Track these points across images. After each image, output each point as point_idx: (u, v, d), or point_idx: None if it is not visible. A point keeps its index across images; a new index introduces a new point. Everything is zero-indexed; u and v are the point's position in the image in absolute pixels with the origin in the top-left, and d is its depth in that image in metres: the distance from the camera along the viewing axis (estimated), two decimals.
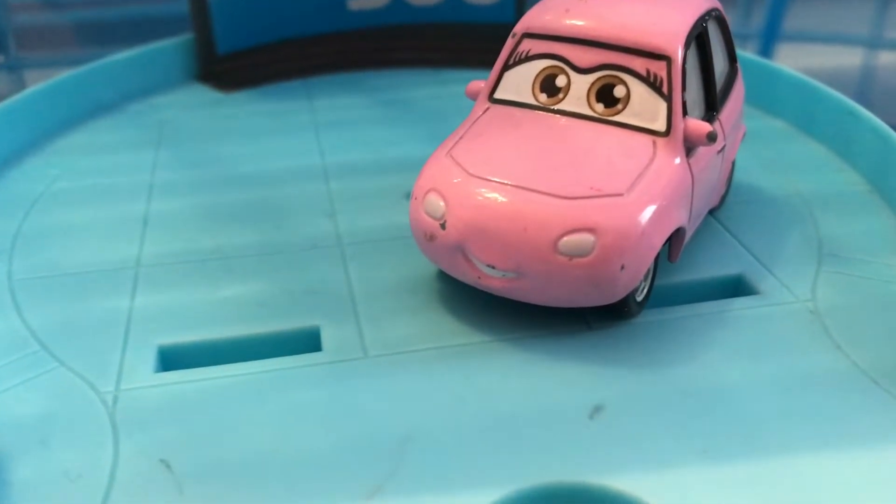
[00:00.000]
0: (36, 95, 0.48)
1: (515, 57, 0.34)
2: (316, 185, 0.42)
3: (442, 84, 0.54)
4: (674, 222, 0.30)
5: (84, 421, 0.28)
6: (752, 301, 0.33)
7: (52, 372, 0.30)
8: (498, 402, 0.28)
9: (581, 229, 0.28)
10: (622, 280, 0.29)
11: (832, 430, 0.27)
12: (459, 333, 0.31)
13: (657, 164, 0.30)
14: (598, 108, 0.32)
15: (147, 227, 0.39)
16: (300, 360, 0.30)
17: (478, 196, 0.30)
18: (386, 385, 0.29)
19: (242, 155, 0.46)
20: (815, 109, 0.46)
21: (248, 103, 0.52)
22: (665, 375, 0.29)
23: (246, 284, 0.35)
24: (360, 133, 0.48)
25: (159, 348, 0.31)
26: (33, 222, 0.40)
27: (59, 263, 0.36)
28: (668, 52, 0.31)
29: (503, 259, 0.29)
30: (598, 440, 0.27)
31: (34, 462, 0.26)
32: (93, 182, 0.43)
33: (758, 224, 0.38)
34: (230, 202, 0.41)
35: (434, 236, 0.31)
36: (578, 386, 0.29)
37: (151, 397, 0.29)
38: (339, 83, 0.55)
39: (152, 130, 0.49)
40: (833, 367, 0.30)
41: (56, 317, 0.33)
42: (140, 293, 0.34)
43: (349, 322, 0.32)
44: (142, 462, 0.26)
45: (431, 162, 0.32)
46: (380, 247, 0.37)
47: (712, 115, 0.34)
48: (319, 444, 0.27)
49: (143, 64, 0.53)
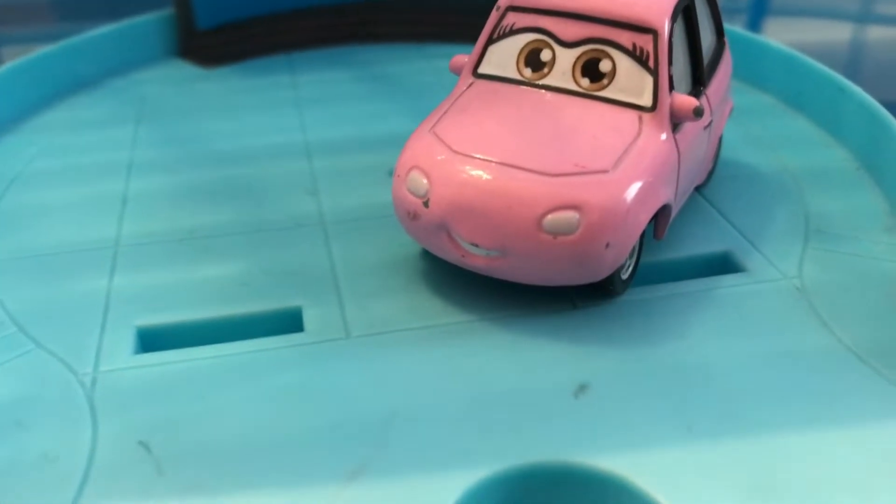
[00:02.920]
0: (14, 71, 0.47)
1: (500, 31, 0.33)
2: (298, 163, 0.42)
3: (427, 59, 0.53)
4: (660, 199, 0.30)
5: (62, 403, 0.28)
6: (739, 278, 0.33)
7: (29, 353, 0.30)
8: (482, 381, 0.28)
9: (566, 207, 0.28)
10: (607, 258, 0.29)
11: (818, 407, 0.27)
12: (443, 313, 0.31)
13: (643, 141, 0.30)
14: (584, 82, 0.31)
15: (126, 205, 0.38)
16: (282, 341, 0.30)
17: (461, 174, 0.29)
18: (368, 365, 0.29)
19: (224, 132, 0.45)
20: (803, 85, 0.46)
21: (230, 79, 0.51)
22: (650, 354, 0.29)
23: (227, 264, 0.34)
24: (343, 109, 0.47)
25: (138, 329, 0.31)
26: (10, 201, 0.39)
27: (36, 243, 0.36)
28: (654, 25, 0.31)
29: (487, 237, 0.29)
30: (583, 419, 0.27)
31: (11, 444, 0.26)
32: (71, 160, 0.43)
33: (745, 201, 0.38)
34: (211, 180, 0.40)
35: (417, 215, 0.30)
36: (563, 365, 0.29)
37: (130, 379, 0.28)
38: (321, 58, 0.54)
39: (132, 107, 0.48)
40: (819, 345, 0.29)
41: (33, 298, 0.32)
42: (119, 273, 0.34)
43: (331, 302, 0.32)
44: (120, 444, 0.26)
45: (414, 139, 0.31)
46: (363, 225, 0.36)
47: (699, 89, 0.33)
48: (301, 424, 0.27)
49: (123, 39, 0.53)
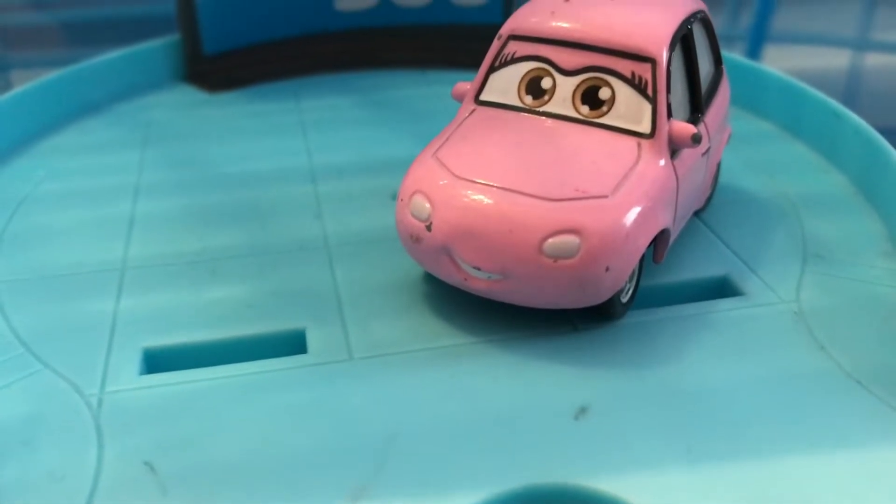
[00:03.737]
0: (23, 96, 0.48)
1: (501, 59, 0.34)
2: (303, 186, 0.42)
3: (429, 85, 0.54)
4: (658, 224, 0.30)
5: (68, 423, 0.28)
6: (737, 302, 0.33)
7: (36, 374, 0.30)
8: (483, 403, 0.28)
9: (566, 231, 0.28)
10: (607, 281, 0.29)
11: (816, 430, 0.27)
12: (445, 335, 0.31)
13: (642, 166, 0.30)
14: (584, 109, 0.32)
15: (133, 228, 0.39)
16: (285, 363, 0.30)
17: (463, 198, 0.30)
18: (371, 386, 0.29)
19: (229, 155, 0.46)
20: (801, 111, 0.46)
21: (235, 104, 0.52)
22: (650, 376, 0.29)
23: (232, 286, 0.35)
24: (347, 134, 0.48)
25: (144, 350, 0.31)
26: (19, 223, 0.40)
27: (44, 265, 0.36)
28: (652, 54, 0.31)
29: (489, 261, 0.29)
30: (583, 441, 0.27)
31: (18, 463, 0.26)
32: (79, 183, 0.43)
33: (743, 225, 0.38)
34: (217, 203, 0.41)
35: (420, 238, 0.31)
36: (564, 387, 0.29)
37: (136, 400, 0.29)
38: (326, 84, 0.55)
39: (139, 131, 0.49)
40: (817, 368, 0.30)
41: (41, 319, 0.33)
42: (125, 295, 0.34)
43: (335, 324, 0.32)
44: (126, 464, 0.26)
45: (417, 164, 0.32)
46: (366, 248, 0.37)
47: (697, 116, 0.34)
48: (304, 445, 0.27)
49: (131, 64, 0.53)
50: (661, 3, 0.34)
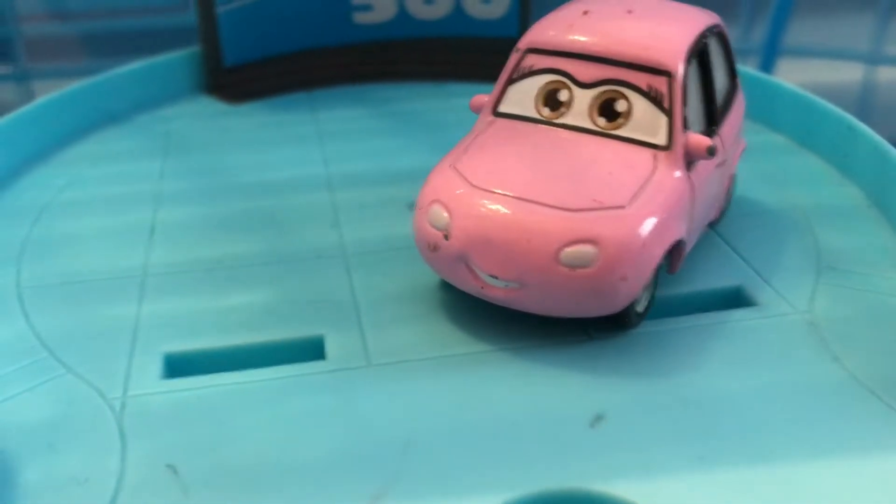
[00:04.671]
0: (45, 106, 0.49)
1: (519, 71, 0.34)
2: (320, 196, 0.43)
3: (445, 97, 0.55)
4: (674, 234, 0.31)
5: (91, 426, 0.28)
6: (751, 312, 0.33)
7: (59, 378, 0.31)
8: (500, 410, 0.29)
9: (583, 241, 0.29)
10: (623, 291, 0.29)
11: (830, 439, 0.27)
12: (462, 342, 0.32)
13: (658, 178, 0.31)
14: (600, 122, 0.32)
15: (154, 235, 0.39)
16: (304, 369, 0.31)
17: (481, 207, 0.30)
18: (388, 393, 0.30)
19: (248, 165, 0.46)
20: (814, 124, 0.46)
21: (254, 115, 0.53)
22: (664, 385, 0.30)
23: (251, 293, 0.35)
24: (363, 144, 0.48)
25: (165, 355, 0.32)
26: (41, 230, 0.40)
27: (66, 271, 0.37)
28: (669, 67, 0.32)
29: (506, 269, 0.30)
30: (600, 448, 0.27)
31: (42, 466, 0.27)
32: (100, 191, 0.44)
33: (757, 237, 0.38)
34: (236, 212, 0.41)
35: (437, 247, 0.31)
36: (579, 395, 0.29)
37: (158, 403, 0.29)
38: (343, 95, 0.55)
39: (159, 140, 0.49)
40: (831, 378, 0.30)
41: (63, 323, 0.33)
42: (147, 301, 0.35)
43: (353, 331, 0.33)
44: (149, 467, 0.27)
45: (435, 173, 0.32)
46: (383, 257, 0.37)
47: (713, 129, 0.34)
48: (323, 450, 0.27)
49: (151, 75, 0.54)
50: (678, 16, 0.34)
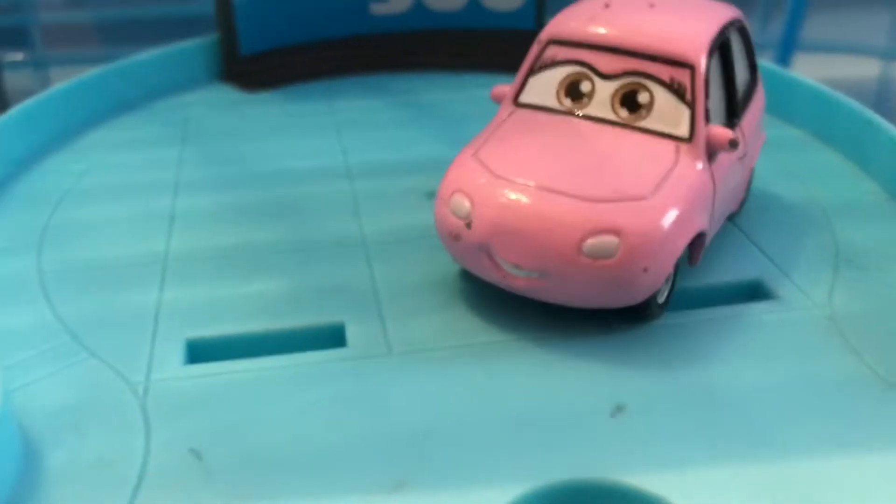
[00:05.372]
0: (64, 92, 0.49)
1: (541, 62, 0.34)
2: (339, 184, 0.43)
3: (462, 88, 0.55)
4: (695, 226, 0.31)
5: (115, 410, 0.29)
6: (770, 306, 0.33)
7: (82, 362, 0.31)
8: (520, 399, 0.29)
9: (606, 231, 0.29)
10: (645, 282, 0.29)
11: (849, 433, 0.28)
12: (482, 332, 0.32)
13: (680, 169, 0.31)
14: (622, 113, 0.32)
15: (174, 222, 0.40)
16: (326, 356, 0.31)
17: (503, 196, 0.30)
18: (410, 381, 0.30)
19: (266, 154, 0.46)
20: (832, 119, 0.46)
21: (271, 103, 0.53)
22: (685, 377, 0.30)
23: (272, 280, 0.35)
24: (380, 134, 0.48)
25: (187, 341, 0.32)
26: (61, 217, 0.40)
27: (87, 257, 0.37)
28: (691, 60, 0.32)
29: (528, 259, 0.30)
30: (621, 438, 0.27)
31: (67, 448, 0.27)
32: (119, 178, 0.44)
33: (776, 230, 0.38)
34: (255, 200, 0.42)
35: (459, 236, 0.31)
36: (600, 385, 0.29)
37: (181, 388, 0.30)
38: (359, 86, 0.55)
39: (177, 128, 0.50)
40: (851, 372, 0.30)
41: (85, 308, 0.34)
42: (168, 287, 0.35)
43: (373, 319, 0.33)
44: (172, 450, 0.27)
45: (457, 163, 0.33)
46: (403, 246, 0.37)
47: (734, 122, 0.34)
48: (346, 436, 0.28)
49: (169, 63, 0.54)
50: (700, 10, 0.34)
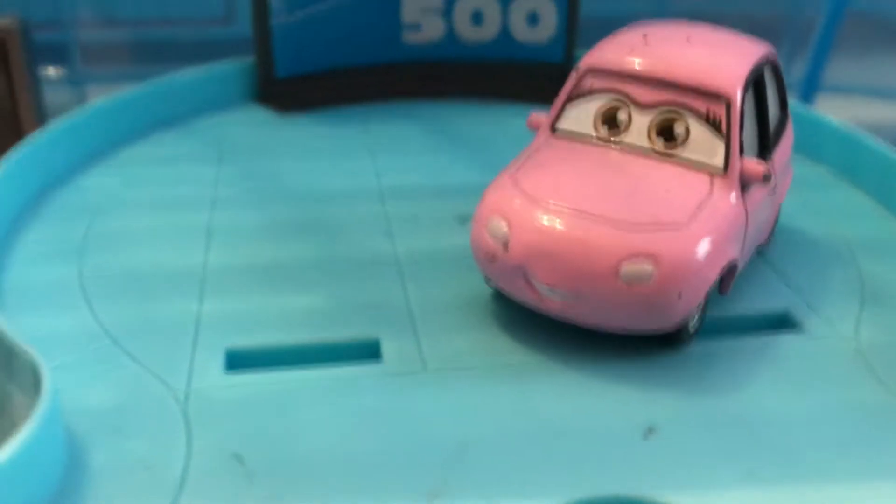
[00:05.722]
0: (104, 108, 0.50)
1: (578, 91, 0.35)
2: (372, 206, 0.44)
3: (491, 117, 0.55)
4: (728, 256, 0.31)
5: (157, 414, 0.29)
6: (798, 337, 0.34)
7: (124, 367, 0.32)
8: (552, 417, 0.29)
9: (642, 256, 0.29)
10: (679, 308, 0.30)
11: (876, 462, 0.28)
12: (514, 352, 0.33)
13: (714, 200, 0.31)
14: (658, 143, 0.33)
15: (211, 236, 0.41)
16: (363, 370, 0.32)
17: (541, 220, 0.31)
18: (443, 396, 0.30)
19: (300, 173, 0.47)
20: (858, 158, 0.47)
21: (305, 125, 0.54)
22: (715, 402, 0.30)
23: (308, 295, 0.36)
24: (413, 159, 0.49)
25: (227, 350, 0.33)
26: (101, 227, 0.41)
27: (127, 265, 0.38)
28: (728, 93, 0.33)
29: (564, 282, 0.30)
30: (652, 459, 0.28)
31: (110, 450, 0.28)
32: (157, 192, 0.45)
33: (802, 264, 0.39)
34: (289, 218, 0.42)
35: (496, 257, 0.32)
36: (630, 407, 0.30)
37: (221, 396, 0.30)
38: (391, 112, 0.56)
39: (213, 146, 0.51)
40: (877, 401, 0.31)
41: (126, 316, 0.34)
42: (207, 298, 0.36)
43: (408, 335, 0.33)
44: (214, 455, 0.28)
45: (494, 186, 0.33)
46: (436, 267, 0.38)
47: (765, 156, 0.35)
48: (380, 447, 0.28)
49: (206, 83, 0.55)
50: (735, 45, 0.35)
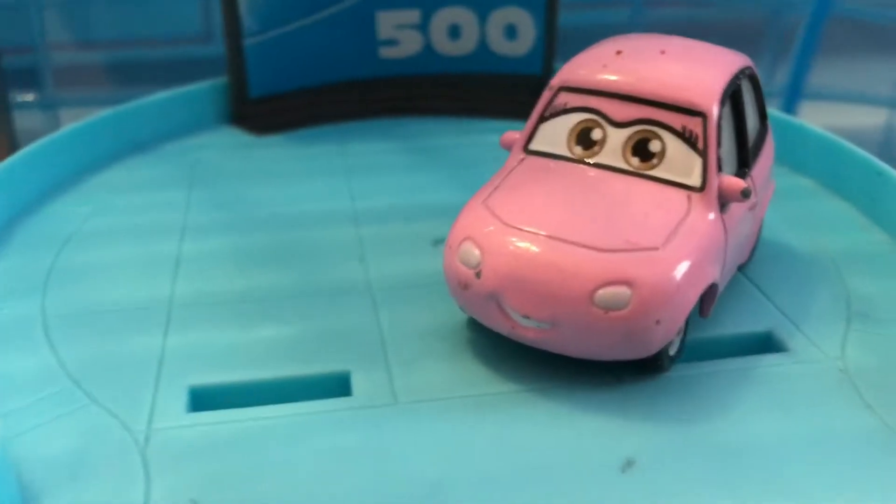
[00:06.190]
0: (72, 133, 0.49)
1: (551, 109, 0.34)
2: (346, 230, 0.43)
3: (470, 133, 0.55)
4: (708, 278, 0.30)
5: (115, 459, 0.28)
6: (782, 358, 0.33)
7: (83, 409, 0.30)
8: (529, 452, 0.28)
9: (618, 282, 0.28)
10: (657, 334, 0.29)
11: (863, 488, 0.27)
12: (490, 382, 0.31)
13: (692, 219, 0.30)
14: (634, 161, 0.32)
15: (179, 266, 0.39)
16: (330, 405, 0.30)
17: (514, 246, 0.30)
18: (416, 432, 0.29)
19: (273, 197, 0.46)
20: (841, 168, 0.46)
21: (279, 147, 0.53)
22: (696, 430, 0.29)
23: (277, 327, 0.35)
24: (389, 179, 0.48)
25: (190, 388, 0.31)
26: (67, 259, 0.40)
27: (91, 300, 0.37)
28: (703, 108, 0.32)
29: (538, 310, 0.29)
30: (631, 493, 0.27)
31: (66, 498, 0.27)
32: (126, 220, 0.44)
33: (786, 281, 0.38)
34: (261, 244, 0.41)
35: (468, 285, 0.31)
36: (609, 438, 0.29)
37: (183, 437, 0.29)
38: (368, 130, 0.55)
39: (185, 171, 0.49)
40: (864, 427, 0.30)
41: (88, 353, 0.33)
42: (172, 332, 0.34)
43: (379, 367, 0.32)
44: (173, 501, 0.26)
45: (466, 211, 0.32)
46: (410, 293, 0.37)
47: (745, 171, 0.34)
48: (350, 489, 0.27)
49: (178, 105, 0.54)
50: (711, 58, 0.34)
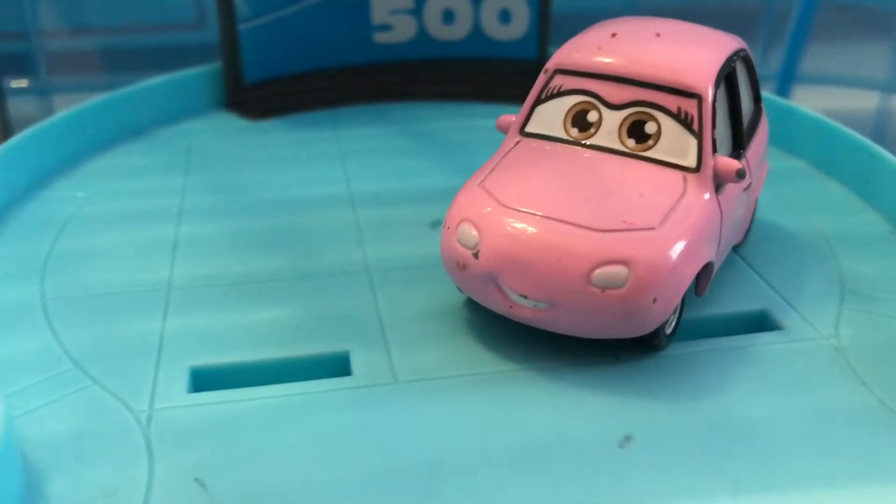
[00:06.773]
0: (68, 119, 0.49)
1: (547, 92, 0.34)
2: (343, 213, 0.43)
3: (465, 117, 0.55)
4: (703, 257, 0.31)
5: (118, 439, 0.28)
6: (776, 336, 0.33)
7: (85, 390, 0.31)
8: (527, 430, 0.29)
9: (615, 261, 0.29)
10: (654, 313, 0.29)
11: (859, 465, 0.27)
12: (488, 361, 0.32)
13: (688, 200, 0.31)
14: (629, 143, 0.33)
15: (177, 250, 0.40)
16: (331, 385, 0.31)
17: (511, 226, 0.30)
18: (415, 411, 0.29)
19: (269, 182, 0.46)
20: (834, 150, 0.47)
21: (275, 132, 0.53)
22: (692, 407, 0.30)
23: (276, 309, 0.35)
24: (384, 163, 0.48)
25: (192, 369, 0.32)
26: (64, 244, 0.40)
27: (90, 284, 0.37)
28: (699, 90, 0.32)
29: (536, 289, 0.30)
30: (629, 469, 0.27)
31: (69, 478, 0.27)
32: (122, 205, 0.44)
33: (780, 261, 0.38)
34: (258, 228, 0.41)
35: (466, 266, 0.31)
36: (607, 415, 0.29)
37: (184, 417, 0.29)
38: (363, 114, 0.55)
39: (180, 156, 0.50)
40: (859, 404, 0.30)
41: (88, 336, 0.33)
42: (172, 315, 0.35)
43: (378, 348, 0.33)
44: (176, 480, 0.27)
45: (464, 192, 0.33)
46: (407, 275, 0.37)
47: (739, 152, 0.34)
48: (351, 467, 0.27)
49: (172, 90, 0.54)
50: (706, 40, 0.35)
